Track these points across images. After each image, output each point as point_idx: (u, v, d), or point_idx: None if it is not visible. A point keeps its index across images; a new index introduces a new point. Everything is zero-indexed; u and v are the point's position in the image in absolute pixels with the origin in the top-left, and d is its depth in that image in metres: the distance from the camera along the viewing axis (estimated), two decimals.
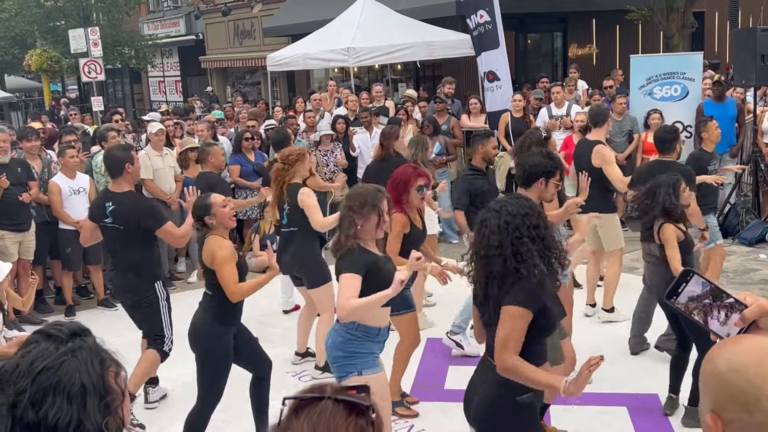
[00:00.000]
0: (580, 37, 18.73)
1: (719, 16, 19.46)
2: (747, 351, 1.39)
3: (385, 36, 13.52)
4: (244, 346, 5.02)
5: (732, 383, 1.36)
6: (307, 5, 20.54)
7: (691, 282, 1.80)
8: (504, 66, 10.50)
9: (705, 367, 1.45)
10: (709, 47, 18.59)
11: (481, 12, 10.71)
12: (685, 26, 16.51)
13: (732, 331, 1.72)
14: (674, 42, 16.20)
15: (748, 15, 19.49)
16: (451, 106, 11.81)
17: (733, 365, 1.38)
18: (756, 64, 9.27)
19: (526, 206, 3.33)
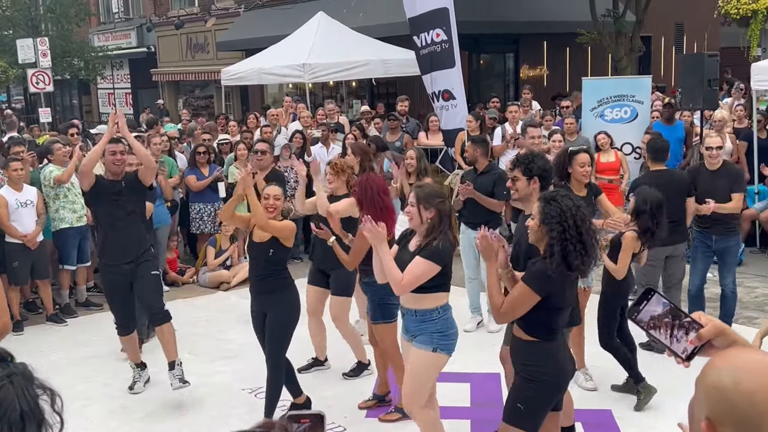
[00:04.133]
0: (532, 58, 19.04)
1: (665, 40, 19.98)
2: (755, 372, 1.41)
3: (341, 53, 13.55)
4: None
5: (736, 402, 1.38)
6: (261, 20, 20.50)
7: (652, 300, 1.85)
8: (460, 85, 10.59)
9: (708, 376, 1.46)
10: (655, 71, 19.06)
11: (437, 31, 10.78)
12: (633, 50, 16.95)
13: (688, 348, 1.77)
14: (622, 65, 16.60)
15: (693, 40, 20.07)
16: (405, 124, 11.88)
17: (740, 385, 1.39)
18: (703, 88, 9.54)
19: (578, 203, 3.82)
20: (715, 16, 14.46)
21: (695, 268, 7.02)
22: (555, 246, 3.72)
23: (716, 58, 9.92)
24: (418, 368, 4.41)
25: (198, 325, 7.79)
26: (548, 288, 3.75)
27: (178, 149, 11.10)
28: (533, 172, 4.72)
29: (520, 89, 17.72)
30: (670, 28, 20.75)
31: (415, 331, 4.41)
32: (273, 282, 5.37)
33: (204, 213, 9.87)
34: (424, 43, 10.92)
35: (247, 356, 6.99)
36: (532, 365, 3.92)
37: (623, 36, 16.60)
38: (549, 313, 3.84)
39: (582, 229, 3.73)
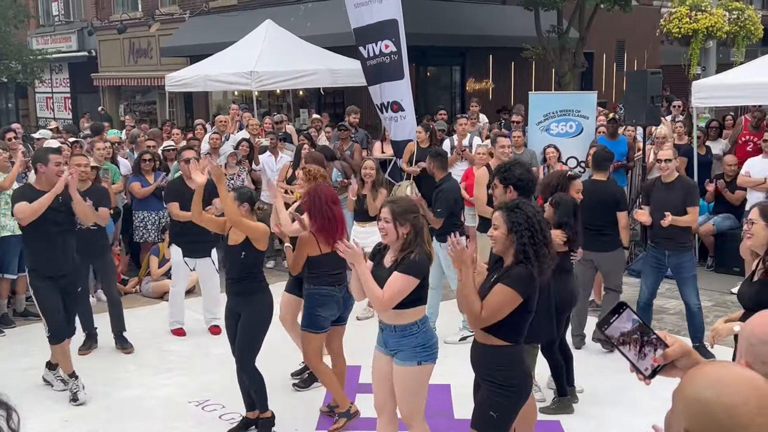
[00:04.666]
0: (478, 71, 19.27)
1: (607, 57, 20.47)
2: (736, 385, 1.44)
3: (289, 61, 13.48)
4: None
5: (717, 415, 1.41)
6: (207, 26, 20.27)
7: (623, 315, 1.87)
8: (409, 97, 10.64)
9: (688, 389, 1.49)
10: (597, 86, 19.50)
11: (386, 42, 10.82)
12: (576, 66, 17.30)
13: (650, 366, 1.80)
14: (566, 80, 16.93)
15: (633, 57, 20.62)
16: (354, 135, 11.88)
17: (722, 398, 1.42)
18: (646, 104, 9.77)
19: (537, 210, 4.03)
20: (657, 35, 14.85)
21: (646, 282, 7.10)
22: (529, 251, 3.82)
23: (659, 75, 10.18)
24: (409, 386, 4.36)
25: (141, 336, 7.61)
26: (529, 291, 3.86)
27: (121, 155, 10.86)
28: (509, 181, 4.88)
29: (466, 102, 17.94)
30: (611, 45, 21.26)
31: (395, 347, 4.35)
32: (246, 284, 5.37)
33: (148, 221, 9.66)
34: (372, 54, 10.93)
35: (193, 368, 6.86)
36: (504, 370, 3.93)
37: (567, 52, 16.93)
38: (523, 317, 3.92)
39: (546, 234, 3.88)
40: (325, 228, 5.31)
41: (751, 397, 1.42)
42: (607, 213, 6.91)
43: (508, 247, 3.90)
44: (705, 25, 13.33)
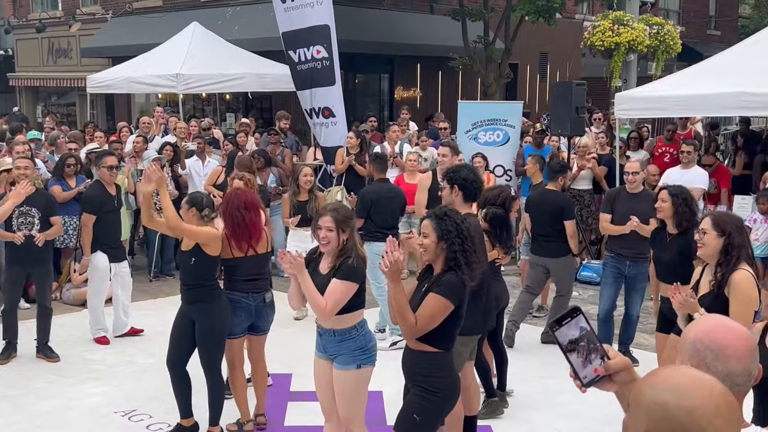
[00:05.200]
0: (406, 80, 19.43)
1: (531, 68, 20.93)
2: (695, 388, 1.49)
3: (216, 65, 13.29)
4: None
5: (678, 418, 1.45)
6: (130, 27, 19.83)
7: (574, 321, 1.90)
8: (339, 102, 10.65)
9: (646, 394, 1.52)
10: (521, 97, 19.91)
11: (318, 47, 10.81)
12: (502, 76, 17.65)
13: (590, 375, 1.84)
14: (492, 90, 17.25)
15: (556, 69, 21.16)
16: (284, 140, 11.80)
17: (682, 401, 1.47)
18: (570, 115, 10.03)
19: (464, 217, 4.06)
20: (581, 47, 15.29)
21: (605, 294, 7.08)
22: (459, 258, 3.85)
23: (584, 87, 10.48)
24: (349, 389, 4.36)
25: (64, 345, 7.35)
26: (460, 298, 3.89)
27: (39, 157, 10.49)
28: (454, 181, 5.03)
29: (395, 109, 18.07)
30: (535, 57, 21.77)
31: (334, 351, 4.35)
32: (197, 292, 5.25)
33: (69, 226, 9.35)
34: (302, 59, 10.89)
35: (119, 377, 6.67)
36: (433, 376, 3.96)
37: (493, 62, 17.25)
38: (454, 324, 3.94)
39: (474, 241, 3.92)
40: (236, 233, 5.30)
41: (709, 399, 1.47)
42: (555, 221, 7.23)
43: (439, 254, 3.93)
44: (627, 39, 13.80)
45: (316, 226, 4.39)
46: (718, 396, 1.48)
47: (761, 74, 9.13)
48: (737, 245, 4.12)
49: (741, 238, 4.15)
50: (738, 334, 1.96)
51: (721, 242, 4.16)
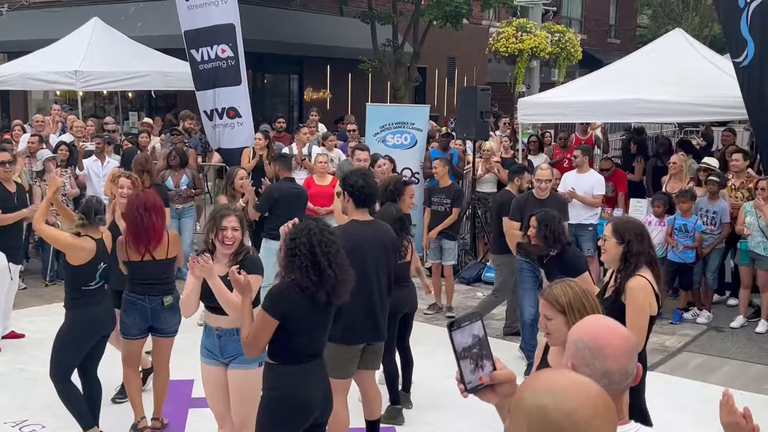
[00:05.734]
0: (315, 81, 19.39)
1: (439, 72, 21.26)
2: (574, 391, 1.53)
3: (118, 62, 12.93)
4: None
5: (557, 421, 1.49)
6: (27, 22, 19.06)
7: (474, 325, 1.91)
8: (246, 103, 10.50)
9: (528, 397, 1.55)
10: (430, 100, 20.18)
11: (222, 46, 10.63)
12: (411, 80, 17.84)
13: (475, 381, 1.87)
14: (400, 93, 17.41)
15: (464, 74, 21.56)
16: (189, 140, 11.56)
17: (560, 405, 1.50)
18: (476, 119, 10.21)
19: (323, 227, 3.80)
20: (486, 53, 15.60)
21: (527, 298, 7.07)
22: (287, 266, 3.74)
23: (488, 92, 10.68)
24: (247, 390, 4.29)
25: None
26: (282, 310, 3.70)
27: None
28: (344, 188, 4.94)
29: (304, 110, 17.99)
30: (443, 61, 22.09)
31: (235, 351, 4.26)
32: (65, 298, 5.24)
33: None
34: (206, 58, 10.69)
35: (9, 386, 6.38)
36: (266, 388, 3.88)
37: (402, 66, 17.41)
38: (287, 336, 3.74)
39: (317, 250, 3.70)
40: (135, 235, 5.24)
41: (587, 401, 1.51)
42: (500, 220, 7.54)
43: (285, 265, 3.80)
44: (530, 46, 14.16)
45: (220, 226, 4.33)
46: (596, 397, 1.53)
47: (656, 82, 9.56)
48: (635, 253, 4.13)
49: (641, 245, 4.15)
50: (618, 334, 2.04)
51: (621, 249, 4.19)
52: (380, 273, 4.84)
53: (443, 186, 8.69)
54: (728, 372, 6.97)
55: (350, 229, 4.76)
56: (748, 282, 8.12)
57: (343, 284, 3.78)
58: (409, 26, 17.41)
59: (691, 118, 11.27)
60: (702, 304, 8.51)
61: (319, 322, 3.84)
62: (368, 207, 4.97)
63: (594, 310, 2.96)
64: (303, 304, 3.70)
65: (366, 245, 4.72)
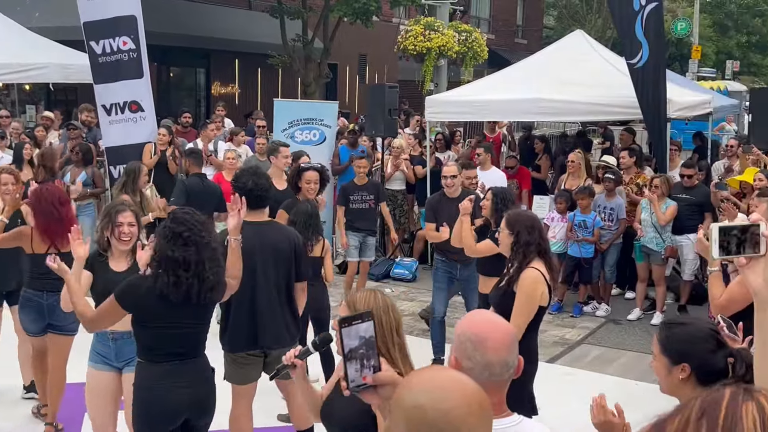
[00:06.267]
0: (223, 75, 19.09)
1: (350, 69, 21.28)
2: (450, 390, 1.55)
3: (14, 53, 12.35)
4: None
5: (434, 421, 1.50)
6: None
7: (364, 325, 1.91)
8: (148, 97, 10.21)
9: (406, 398, 1.56)
10: (341, 97, 20.17)
11: (124, 38, 10.30)
12: (321, 76, 17.79)
13: (358, 380, 1.89)
14: (311, 90, 17.34)
15: (375, 71, 21.64)
16: (87, 134, 11.19)
17: (438, 404, 1.51)
18: (384, 117, 10.28)
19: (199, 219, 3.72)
20: (395, 51, 15.71)
21: (439, 297, 7.04)
22: (153, 261, 3.68)
23: (396, 89, 10.76)
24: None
25: None
26: (130, 303, 3.67)
27: None
28: (237, 191, 4.70)
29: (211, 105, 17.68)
30: (354, 58, 22.10)
31: (129, 354, 4.16)
32: None
33: None
34: (107, 50, 10.34)
35: None
36: (134, 386, 3.83)
37: (312, 62, 17.33)
38: (144, 332, 3.73)
39: (178, 253, 3.61)
40: (49, 229, 5.11)
41: (462, 399, 1.53)
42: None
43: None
44: (437, 44, 14.35)
45: (115, 222, 4.22)
46: (471, 396, 1.55)
47: (557, 82, 9.83)
48: (523, 243, 4.27)
49: (530, 236, 4.29)
50: (498, 328, 2.11)
51: (512, 240, 4.35)
52: (269, 277, 4.65)
53: (362, 183, 8.61)
54: (625, 363, 7.23)
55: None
56: (645, 276, 8.44)
57: (210, 285, 3.69)
58: (318, 22, 17.34)
59: (590, 117, 11.63)
60: (601, 297, 8.80)
61: (181, 321, 3.71)
62: (262, 208, 4.80)
63: (392, 329, 2.79)
64: (155, 300, 3.62)
65: (255, 250, 4.55)
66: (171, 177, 9.79)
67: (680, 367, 2.62)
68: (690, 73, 29.77)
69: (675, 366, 2.63)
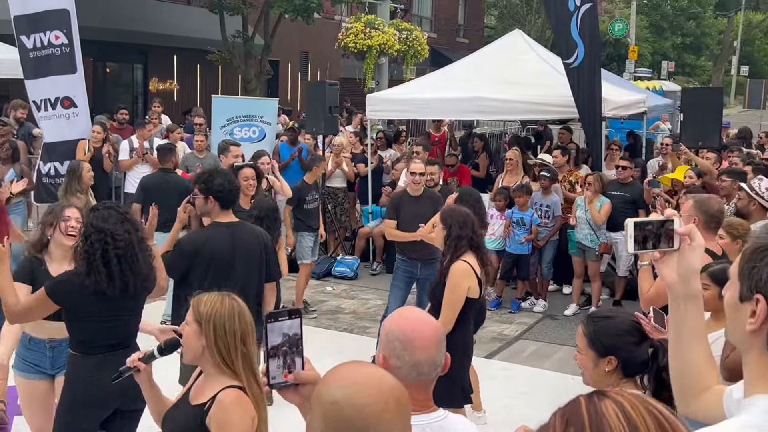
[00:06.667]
0: (161, 71, 18.78)
1: (291, 66, 21.15)
2: (365, 385, 1.56)
3: None
4: None
5: (349, 417, 1.51)
6: None
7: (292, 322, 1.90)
8: (82, 92, 9.98)
9: (323, 394, 1.57)
10: (282, 94, 20.06)
11: (56, 33, 10.05)
12: (262, 73, 17.65)
13: (279, 378, 1.88)
14: (252, 86, 17.20)
15: (317, 69, 21.56)
16: (18, 130, 10.89)
17: (352, 399, 1.53)
18: (324, 114, 10.24)
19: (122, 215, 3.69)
20: (336, 49, 15.68)
21: (396, 296, 6.93)
22: (80, 258, 3.66)
23: (336, 87, 10.74)
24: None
25: None
26: (60, 297, 3.66)
27: None
28: (209, 191, 4.64)
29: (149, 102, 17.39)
30: (296, 55, 21.99)
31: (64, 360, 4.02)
32: None
33: None
34: (38, 45, 10.08)
35: None
36: (65, 380, 3.80)
37: (253, 58, 17.18)
38: (76, 325, 3.72)
39: (110, 247, 3.61)
40: None
41: (378, 396, 1.54)
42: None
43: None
44: (378, 42, 14.38)
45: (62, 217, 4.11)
46: (388, 392, 1.56)
47: (496, 81, 9.95)
48: (455, 237, 4.41)
49: (462, 230, 4.43)
50: (428, 326, 2.11)
51: (444, 234, 4.47)
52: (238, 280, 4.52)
53: (311, 183, 8.52)
54: (561, 358, 7.36)
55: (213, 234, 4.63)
56: (580, 272, 8.61)
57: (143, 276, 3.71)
58: (259, 18, 17.20)
59: (529, 116, 11.83)
60: (538, 293, 8.95)
61: (116, 314, 3.70)
62: (232, 207, 4.78)
63: (235, 336, 2.68)
64: (84, 294, 3.60)
65: (230, 251, 4.56)
66: (106, 175, 9.61)
67: (606, 360, 2.69)
68: (627, 73, 30.49)
69: (602, 359, 2.70)
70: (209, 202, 4.70)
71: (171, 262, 4.54)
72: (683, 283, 1.81)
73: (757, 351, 1.55)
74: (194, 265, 4.59)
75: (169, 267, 4.46)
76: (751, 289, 1.54)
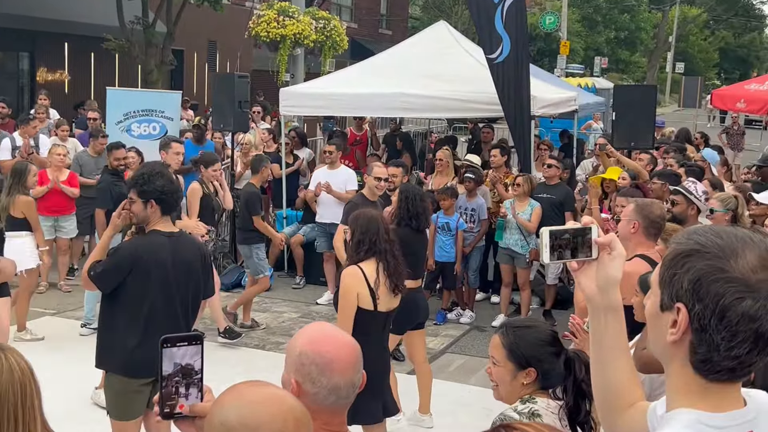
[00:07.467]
0: (50, 60, 18.25)
1: (198, 57, 20.84)
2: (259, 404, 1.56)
3: None
4: None
5: None
6: None
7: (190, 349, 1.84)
8: None
9: (216, 415, 1.57)
10: (188, 87, 19.75)
11: None
12: (164, 63, 17.35)
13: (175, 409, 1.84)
14: (153, 77, 16.88)
15: (226, 59, 21.31)
16: None
17: (245, 419, 1.53)
18: (234, 109, 10.09)
19: None
20: (246, 38, 15.52)
21: None
22: None
23: (247, 80, 10.60)
24: None
25: None
26: None
27: None
28: (149, 196, 4.40)
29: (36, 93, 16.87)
30: (203, 44, 21.69)
31: None
32: None
33: None
34: None
35: None
36: None
37: (154, 47, 16.87)
38: None
39: None
40: None
41: (277, 415, 1.54)
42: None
43: None
44: (293, 32, 14.27)
45: None
46: (287, 411, 1.56)
47: (420, 76, 10.00)
48: (355, 242, 4.54)
49: (363, 236, 4.53)
50: (344, 345, 2.05)
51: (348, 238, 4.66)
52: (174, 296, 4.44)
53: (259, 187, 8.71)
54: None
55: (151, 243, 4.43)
56: (509, 280, 8.74)
57: None
58: (161, 3, 16.90)
59: (454, 114, 11.95)
60: (465, 303, 9.04)
61: None
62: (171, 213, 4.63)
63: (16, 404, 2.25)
64: None
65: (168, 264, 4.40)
66: None
67: (525, 372, 2.73)
68: (558, 69, 31.19)
69: (521, 371, 2.74)
70: (149, 207, 4.44)
71: (104, 272, 4.34)
72: (602, 294, 1.84)
73: (678, 362, 1.59)
74: (131, 277, 4.35)
75: (100, 278, 4.31)
76: (672, 298, 1.57)
